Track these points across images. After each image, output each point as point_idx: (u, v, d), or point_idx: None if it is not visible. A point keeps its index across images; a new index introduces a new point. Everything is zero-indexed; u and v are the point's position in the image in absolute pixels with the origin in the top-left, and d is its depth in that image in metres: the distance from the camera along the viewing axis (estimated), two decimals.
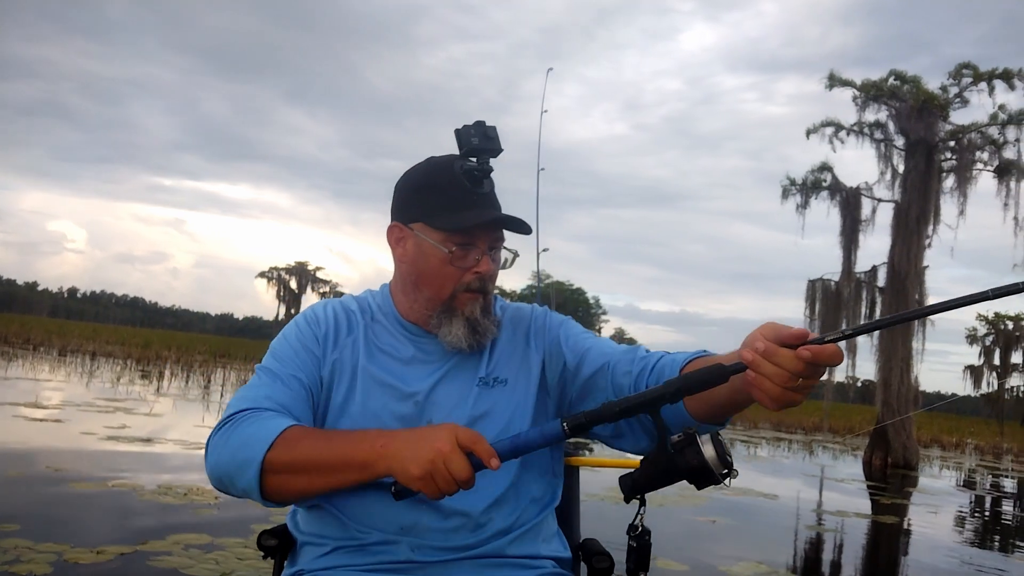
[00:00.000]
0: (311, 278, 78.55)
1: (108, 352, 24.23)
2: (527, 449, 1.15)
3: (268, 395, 1.32)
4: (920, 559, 6.39)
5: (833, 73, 15.92)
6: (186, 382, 17.66)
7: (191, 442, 8.09)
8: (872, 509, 8.98)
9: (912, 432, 15.30)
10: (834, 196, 16.32)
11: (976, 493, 12.83)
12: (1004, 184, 15.25)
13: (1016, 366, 51.72)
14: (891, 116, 15.63)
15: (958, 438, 25.12)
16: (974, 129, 15.21)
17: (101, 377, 15.95)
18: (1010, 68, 14.76)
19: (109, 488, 5.37)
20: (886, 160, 16.00)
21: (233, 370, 22.47)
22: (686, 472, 1.10)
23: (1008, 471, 17.85)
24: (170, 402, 12.46)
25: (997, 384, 51.22)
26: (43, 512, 4.63)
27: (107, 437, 7.75)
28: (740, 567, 4.97)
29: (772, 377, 1.03)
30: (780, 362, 1.02)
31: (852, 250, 16.15)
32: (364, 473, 1.17)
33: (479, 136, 1.39)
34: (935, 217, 15.42)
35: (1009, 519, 9.92)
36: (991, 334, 51.60)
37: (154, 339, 30.85)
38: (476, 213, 1.37)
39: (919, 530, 7.95)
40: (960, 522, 9.05)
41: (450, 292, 1.39)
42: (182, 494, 5.37)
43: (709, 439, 1.09)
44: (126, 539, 4.15)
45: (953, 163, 15.51)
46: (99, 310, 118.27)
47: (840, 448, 18.88)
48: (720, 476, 1.09)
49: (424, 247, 1.39)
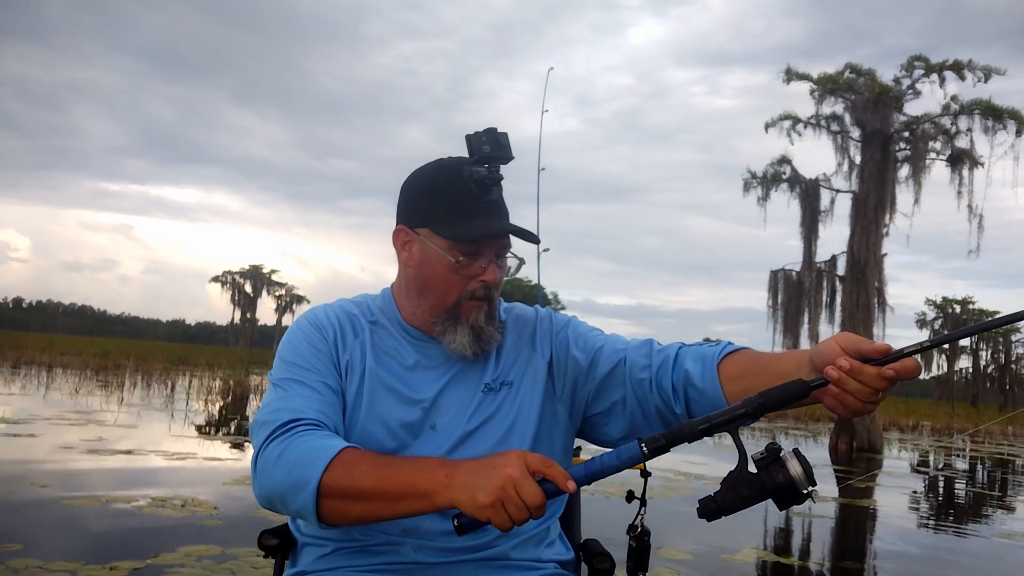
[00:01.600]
0: (266, 281, 77.60)
1: (64, 363, 23.67)
2: (604, 473, 1.10)
3: (309, 406, 1.28)
4: (908, 537, 6.59)
5: (790, 67, 16.26)
6: (147, 390, 17.34)
7: (172, 452, 7.97)
8: (850, 494, 9.20)
9: (876, 416, 15.71)
10: (794, 188, 16.67)
11: (944, 474, 13.21)
12: (957, 173, 15.73)
13: (964, 349, 53.27)
14: (847, 108, 16.02)
15: (915, 420, 25.81)
16: (927, 120, 15.65)
17: (61, 389, 15.58)
18: (960, 60, 15.25)
19: (104, 504, 5.28)
20: (843, 151, 16.40)
21: (195, 377, 22.12)
22: (772, 491, 1.06)
23: (963, 452, 18.39)
24: (138, 412, 12.23)
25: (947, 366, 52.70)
26: (43, 530, 4.55)
27: (87, 451, 7.60)
28: (743, 554, 5.08)
29: (856, 393, 1.04)
30: (865, 380, 1.03)
31: (812, 240, 16.53)
32: (426, 503, 1.11)
33: (491, 143, 1.36)
34: (891, 206, 15.84)
35: (988, 496, 10.26)
36: (939, 318, 53.05)
37: (111, 348, 30.21)
38: (484, 222, 1.35)
39: (899, 511, 8.18)
40: (935, 501, 9.34)
41: (455, 299, 1.37)
42: (179, 506, 5.30)
43: (793, 455, 1.06)
44: (136, 554, 4.09)
45: (907, 153, 15.94)
46: (46, 320, 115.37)
47: (802, 434, 19.27)
48: (805, 495, 1.06)
49: (430, 253, 1.37)
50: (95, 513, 5.03)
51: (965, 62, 15.23)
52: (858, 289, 15.73)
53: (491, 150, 1.35)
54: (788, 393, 1.08)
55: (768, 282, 17.42)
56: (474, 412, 1.38)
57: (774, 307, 17.30)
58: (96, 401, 13.39)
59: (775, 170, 16.56)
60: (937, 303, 53.19)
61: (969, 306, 53.91)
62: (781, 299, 17.21)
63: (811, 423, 23.31)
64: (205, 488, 6.07)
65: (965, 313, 53.54)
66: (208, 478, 6.69)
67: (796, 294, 16.89)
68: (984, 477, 13.13)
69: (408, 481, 1.12)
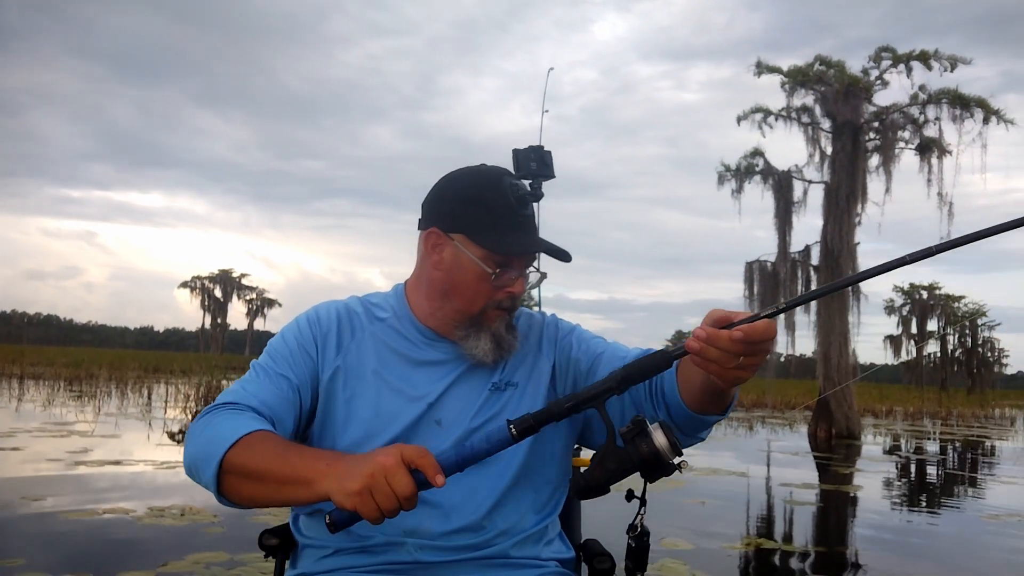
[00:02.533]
0: (236, 285, 76.85)
1: (36, 374, 23.30)
2: (475, 458, 1.10)
3: (254, 392, 1.33)
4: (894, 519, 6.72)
5: (760, 61, 16.42)
6: (123, 400, 17.12)
7: (160, 462, 7.90)
8: (836, 480, 9.36)
9: (853, 403, 15.93)
10: (767, 180, 16.84)
11: (921, 457, 13.44)
12: (926, 161, 15.98)
13: (931, 334, 54.15)
14: (817, 100, 16.20)
15: (888, 406, 26.23)
16: (896, 110, 15.89)
17: (35, 400, 15.35)
18: (927, 50, 15.46)
19: (102, 516, 5.22)
20: (814, 143, 16.59)
21: (170, 384, 21.87)
22: (639, 463, 1.06)
23: (933, 435, 18.73)
24: (116, 421, 12.09)
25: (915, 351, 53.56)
26: (43, 544, 4.50)
27: (74, 463, 7.51)
28: (743, 543, 5.16)
29: (717, 360, 1.06)
30: (721, 345, 1.05)
31: (787, 231, 16.71)
32: (306, 491, 1.11)
33: (538, 160, 1.39)
34: (863, 196, 16.06)
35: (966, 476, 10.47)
36: (907, 304, 53.91)
37: (83, 357, 29.74)
38: (522, 237, 1.39)
39: (883, 494, 8.33)
40: (918, 483, 9.52)
41: (481, 307, 1.40)
42: (179, 515, 5.27)
43: (659, 427, 1.07)
44: (143, 564, 4.07)
45: (877, 143, 16.17)
46: (11, 330, 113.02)
47: (780, 422, 19.50)
48: (672, 465, 1.06)
49: (463, 260, 1.38)
50: (94, 525, 4.98)
51: (932, 52, 15.47)
52: (833, 278, 15.91)
53: (537, 167, 1.39)
54: (650, 364, 1.10)
55: (744, 273, 17.58)
56: (479, 410, 1.40)
57: (750, 298, 17.45)
58: (72, 412, 13.19)
59: (748, 162, 16.72)
60: (904, 290, 54.06)
61: (936, 291, 54.86)
62: (757, 290, 17.37)
63: (787, 411, 23.61)
64: (199, 496, 6.01)
65: (932, 299, 54.46)
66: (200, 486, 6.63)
67: (771, 285, 17.07)
68: (961, 459, 13.40)
69: (294, 468, 1.13)
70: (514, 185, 1.39)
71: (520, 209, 1.39)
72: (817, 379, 16.99)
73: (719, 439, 14.21)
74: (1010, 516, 6.89)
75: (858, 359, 16.85)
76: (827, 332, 15.93)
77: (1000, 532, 6.25)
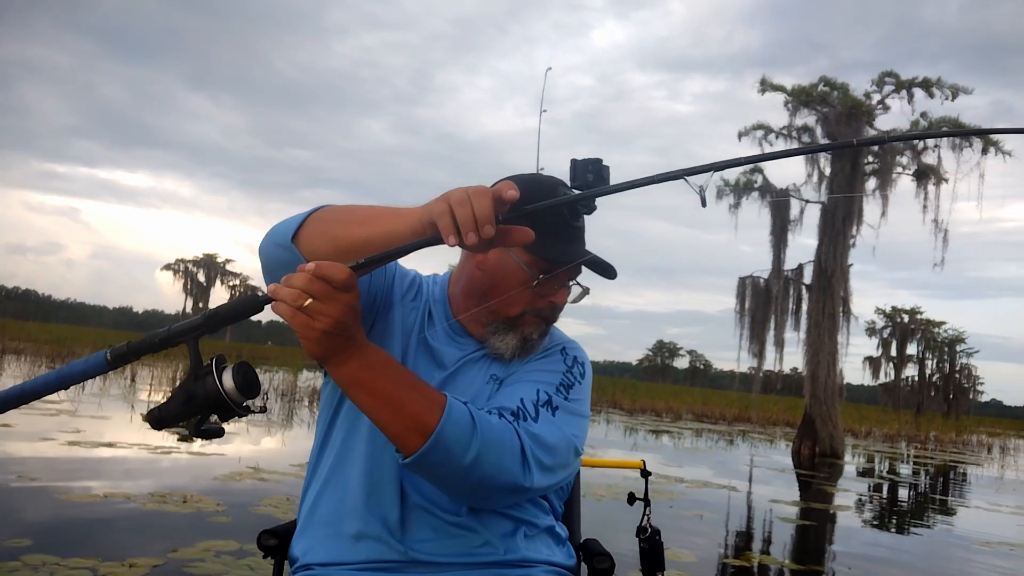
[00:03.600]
0: (220, 271, 76.44)
1: (17, 349, 23.04)
2: (72, 379, 1.09)
3: None
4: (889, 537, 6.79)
5: (765, 78, 16.53)
6: (105, 380, 16.94)
7: (154, 446, 7.84)
8: (822, 498, 9.42)
9: (839, 423, 16.06)
10: (764, 197, 16.94)
11: (904, 479, 13.56)
12: (922, 187, 16.15)
13: (911, 357, 54.67)
14: (819, 121, 16.33)
15: (867, 427, 26.44)
16: None
17: (16, 376, 15.19)
18: (929, 77, 15.66)
19: (104, 499, 5.18)
20: (813, 163, 16.72)
21: (152, 368, 21.70)
22: (205, 401, 1.04)
23: (916, 458, 18.90)
24: (101, 402, 11.99)
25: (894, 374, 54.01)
26: (48, 526, 4.45)
27: (68, 443, 7.44)
28: (744, 557, 5.19)
29: (285, 299, 1.03)
30: (291, 282, 1.03)
31: (781, 248, 16.83)
32: (396, 219, 1.11)
33: (595, 172, 1.32)
34: (859, 218, 16.21)
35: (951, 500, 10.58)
36: (888, 327, 54.38)
37: (65, 335, 29.48)
38: (571, 247, 1.37)
39: (872, 512, 8.40)
40: (905, 503, 9.60)
41: (519, 312, 1.40)
42: (181, 502, 5.23)
43: (235, 368, 1.04)
44: (153, 550, 4.04)
45: (875, 167, 16.32)
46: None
47: (761, 438, 19.61)
48: (239, 409, 1.04)
49: (508, 263, 1.38)
50: (97, 508, 4.94)
51: (935, 80, 15.65)
52: (824, 298, 16.05)
53: (594, 180, 1.31)
54: (242, 305, 1.08)
55: (736, 288, 17.70)
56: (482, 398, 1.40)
57: (741, 313, 17.58)
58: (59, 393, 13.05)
59: (747, 178, 16.82)
60: (887, 312, 54.54)
61: (917, 315, 55.37)
62: (748, 305, 17.49)
63: (768, 427, 23.76)
64: (199, 483, 5.99)
65: (913, 323, 54.96)
66: (198, 473, 6.60)
67: (764, 301, 17.19)
68: (948, 485, 13.53)
69: (384, 207, 1.17)
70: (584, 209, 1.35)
71: (572, 220, 1.38)
72: (804, 397, 17.09)
73: (704, 451, 14.28)
74: (1002, 544, 6.96)
75: (844, 380, 16.98)
76: (816, 351, 16.04)
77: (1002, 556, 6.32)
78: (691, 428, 20.27)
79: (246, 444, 8.83)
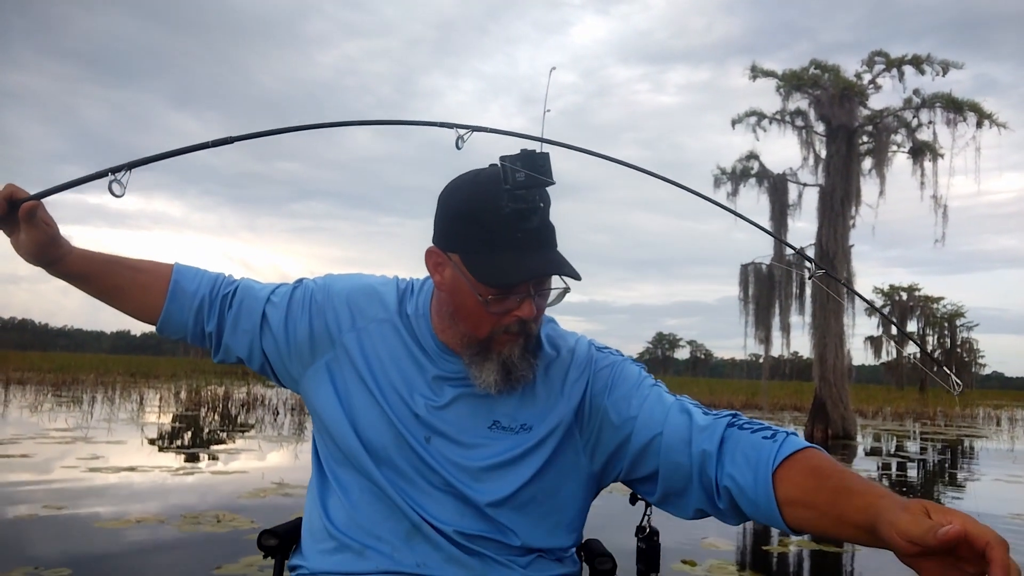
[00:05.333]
0: None
1: (21, 379, 22.97)
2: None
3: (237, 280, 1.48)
4: None
5: (755, 65, 16.55)
6: (112, 405, 16.90)
7: (175, 468, 7.82)
8: None
9: (849, 404, 16.07)
10: (762, 183, 16.97)
11: (921, 456, 13.58)
12: (919, 164, 16.17)
13: (911, 334, 54.75)
14: (812, 104, 16.35)
15: (876, 406, 26.49)
16: (889, 114, 16.06)
17: (23, 407, 15.13)
18: (919, 54, 15.68)
19: (135, 524, 5.16)
20: (808, 146, 16.74)
21: (158, 390, 21.65)
22: None
23: (917, 434, 18.95)
24: (111, 427, 11.94)
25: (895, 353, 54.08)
26: (84, 553, 4.42)
27: (88, 469, 7.41)
28: (789, 543, 5.19)
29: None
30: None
31: (782, 233, 16.82)
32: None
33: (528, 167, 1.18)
34: (857, 198, 16.23)
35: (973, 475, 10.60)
36: (887, 305, 54.46)
37: (68, 363, 29.40)
38: (518, 259, 1.20)
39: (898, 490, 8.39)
40: (927, 478, 9.62)
41: (487, 333, 1.26)
42: (215, 521, 5.21)
43: None
44: (194, 570, 4.03)
45: (870, 146, 16.34)
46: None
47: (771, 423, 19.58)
48: None
49: (460, 283, 1.25)
50: (130, 534, 4.91)
51: (924, 56, 15.69)
52: (827, 280, 16.04)
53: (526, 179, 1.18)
54: None
55: (739, 276, 17.72)
56: (487, 448, 1.30)
57: (745, 300, 17.59)
58: (63, 418, 13.01)
59: (744, 165, 16.85)
60: (884, 291, 54.64)
61: (915, 292, 55.53)
62: (752, 292, 17.51)
63: (776, 412, 23.78)
64: (228, 501, 5.97)
65: (912, 300, 55.11)
66: (224, 491, 6.57)
67: (767, 287, 17.21)
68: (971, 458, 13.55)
69: None
70: (514, 196, 1.19)
71: (520, 224, 1.20)
72: (809, 380, 17.11)
73: None
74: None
75: (852, 361, 17.02)
76: (822, 333, 16.06)
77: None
78: None
79: (264, 461, 8.81)
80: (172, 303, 1.42)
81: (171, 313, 1.43)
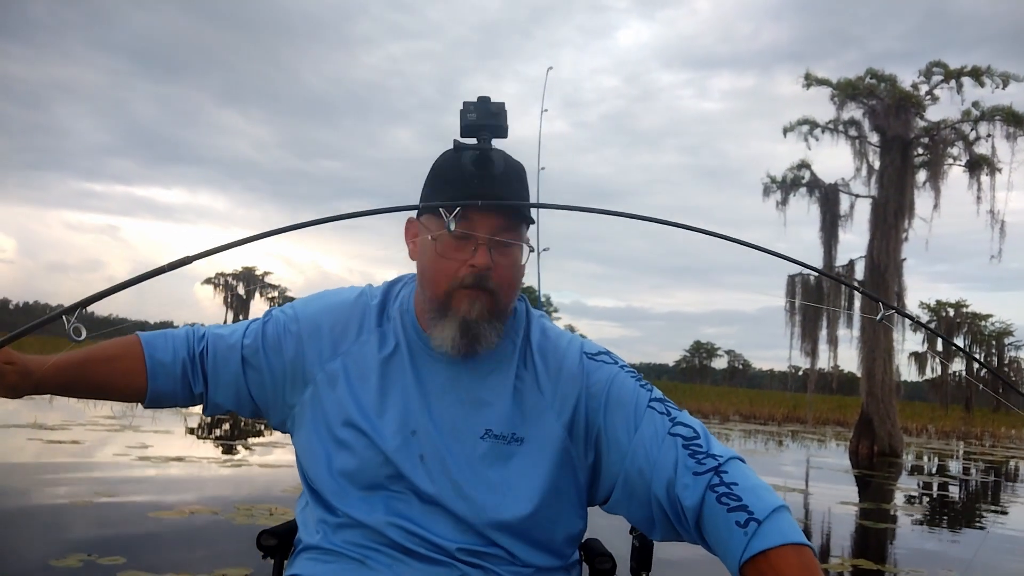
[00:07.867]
0: (259, 283, 77.28)
1: None
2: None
3: (212, 331, 1.41)
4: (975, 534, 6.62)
5: (809, 73, 16.34)
6: None
7: (223, 459, 7.91)
8: (895, 498, 9.22)
9: (896, 421, 15.76)
10: (812, 193, 16.71)
11: (967, 477, 13.26)
12: (975, 178, 15.81)
13: (958, 353, 53.59)
14: (866, 114, 16.07)
15: (920, 424, 25.96)
16: (947, 126, 15.73)
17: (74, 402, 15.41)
18: (979, 66, 15.32)
19: (189, 515, 5.20)
20: (861, 156, 16.46)
21: None
22: None
23: (962, 453, 18.50)
24: (153, 416, 12.07)
25: (940, 370, 53.00)
26: (138, 542, 4.47)
27: (138, 458, 7.51)
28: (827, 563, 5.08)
29: None
30: None
31: (832, 245, 16.58)
32: None
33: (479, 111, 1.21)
34: (910, 211, 15.92)
35: None
36: (934, 321, 53.36)
37: None
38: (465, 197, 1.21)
39: (945, 511, 8.21)
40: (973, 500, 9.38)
41: (445, 289, 1.23)
42: (267, 514, 5.25)
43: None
44: (244, 560, 4.04)
45: (926, 159, 16.02)
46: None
47: (814, 438, 19.31)
48: None
49: (424, 242, 1.26)
50: (186, 524, 4.96)
51: (984, 68, 15.33)
52: (878, 294, 15.77)
53: (478, 118, 1.22)
54: None
55: (785, 286, 17.47)
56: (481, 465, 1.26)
57: (791, 312, 17.34)
58: (111, 406, 13.21)
59: (795, 175, 16.62)
60: (931, 306, 53.54)
61: (962, 309, 54.34)
62: (799, 304, 17.25)
63: (819, 426, 23.41)
64: (277, 495, 6.02)
65: (959, 316, 53.95)
66: (277, 484, 6.62)
67: (815, 299, 16.94)
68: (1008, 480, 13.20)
69: None
70: (467, 150, 1.23)
71: (478, 170, 1.22)
72: (855, 395, 16.81)
73: (761, 452, 14.08)
74: None
75: (900, 377, 16.68)
76: (871, 348, 15.77)
77: None
78: (740, 429, 20.03)
79: None
80: (155, 380, 1.36)
81: (157, 388, 1.37)
